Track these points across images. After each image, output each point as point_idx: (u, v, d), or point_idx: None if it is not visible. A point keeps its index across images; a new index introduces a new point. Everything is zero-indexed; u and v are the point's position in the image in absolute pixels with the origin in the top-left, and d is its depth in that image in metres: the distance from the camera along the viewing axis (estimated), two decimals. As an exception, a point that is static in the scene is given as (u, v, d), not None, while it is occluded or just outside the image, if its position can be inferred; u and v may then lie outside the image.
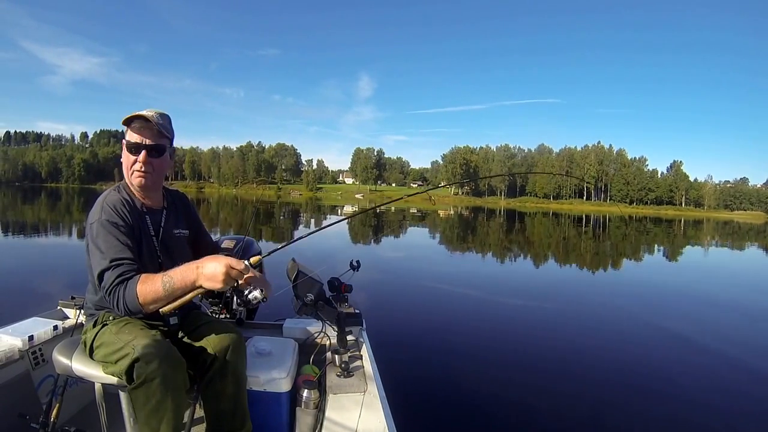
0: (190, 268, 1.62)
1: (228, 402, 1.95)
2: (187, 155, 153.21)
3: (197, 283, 1.61)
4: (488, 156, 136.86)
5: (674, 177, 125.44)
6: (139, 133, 1.87)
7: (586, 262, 14.26)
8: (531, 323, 6.32)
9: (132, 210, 1.87)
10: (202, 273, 1.60)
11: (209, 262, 1.61)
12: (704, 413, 3.91)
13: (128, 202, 1.88)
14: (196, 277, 1.60)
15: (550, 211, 80.00)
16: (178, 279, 1.62)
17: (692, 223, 56.92)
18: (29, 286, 6.85)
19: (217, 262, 1.60)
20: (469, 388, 4.18)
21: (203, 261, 1.63)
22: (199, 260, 1.64)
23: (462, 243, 18.41)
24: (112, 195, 1.88)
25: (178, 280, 1.62)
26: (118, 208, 1.82)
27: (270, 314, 3.11)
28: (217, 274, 1.58)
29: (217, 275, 1.58)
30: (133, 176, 1.91)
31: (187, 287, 1.62)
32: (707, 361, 5.25)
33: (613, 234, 29.55)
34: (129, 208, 1.86)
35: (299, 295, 2.27)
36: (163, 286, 1.62)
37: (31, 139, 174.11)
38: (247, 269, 1.63)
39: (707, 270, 14.32)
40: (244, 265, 1.63)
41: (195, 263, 1.64)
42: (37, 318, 2.61)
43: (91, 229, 1.77)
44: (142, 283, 1.63)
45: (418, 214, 42.50)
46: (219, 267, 1.58)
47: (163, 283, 1.62)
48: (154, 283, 1.63)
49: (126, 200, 1.89)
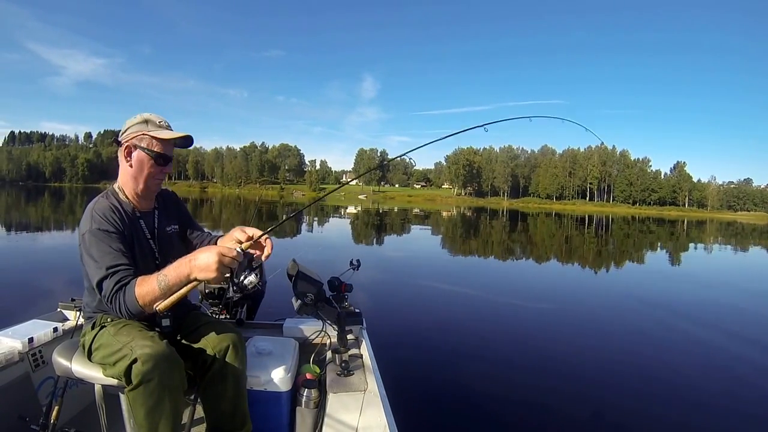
0: (183, 263, 1.64)
1: (228, 402, 1.95)
2: (190, 155, 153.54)
3: (191, 276, 1.62)
4: (491, 157, 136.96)
5: (677, 178, 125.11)
6: (167, 148, 1.94)
7: (587, 261, 14.24)
8: (531, 322, 6.31)
9: (123, 215, 1.88)
10: (195, 265, 1.61)
11: (201, 254, 1.63)
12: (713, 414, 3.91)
13: (118, 209, 1.88)
14: (190, 270, 1.61)
15: (552, 211, 79.87)
16: (172, 276, 1.63)
17: (695, 223, 56.74)
18: (29, 287, 6.85)
19: (209, 252, 1.61)
20: (470, 387, 4.18)
21: (195, 253, 1.65)
22: (191, 254, 1.66)
23: (463, 243, 18.39)
24: (101, 202, 1.88)
25: (172, 277, 1.63)
26: (108, 216, 1.81)
27: (270, 314, 3.12)
28: (210, 264, 1.59)
29: (210, 265, 1.59)
30: (152, 183, 1.96)
31: (182, 281, 1.63)
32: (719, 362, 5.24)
33: (617, 234, 29.49)
34: (119, 214, 1.86)
35: (299, 294, 2.26)
36: (159, 285, 1.63)
37: (36, 139, 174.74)
38: (239, 255, 1.65)
39: (712, 269, 14.28)
40: (236, 252, 1.64)
41: (188, 257, 1.65)
42: (37, 320, 2.61)
43: (83, 240, 1.77)
44: (140, 286, 1.65)
45: (421, 214, 42.51)
46: (211, 257, 1.59)
47: (159, 282, 1.63)
48: (150, 284, 1.64)
49: (115, 207, 1.88)
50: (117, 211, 1.86)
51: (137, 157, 1.90)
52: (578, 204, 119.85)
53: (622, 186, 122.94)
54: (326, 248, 13.03)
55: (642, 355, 5.26)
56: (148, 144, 1.89)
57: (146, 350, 1.63)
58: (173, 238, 2.12)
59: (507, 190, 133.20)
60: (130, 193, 1.96)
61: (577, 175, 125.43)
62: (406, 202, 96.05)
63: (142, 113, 1.96)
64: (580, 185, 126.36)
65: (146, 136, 1.89)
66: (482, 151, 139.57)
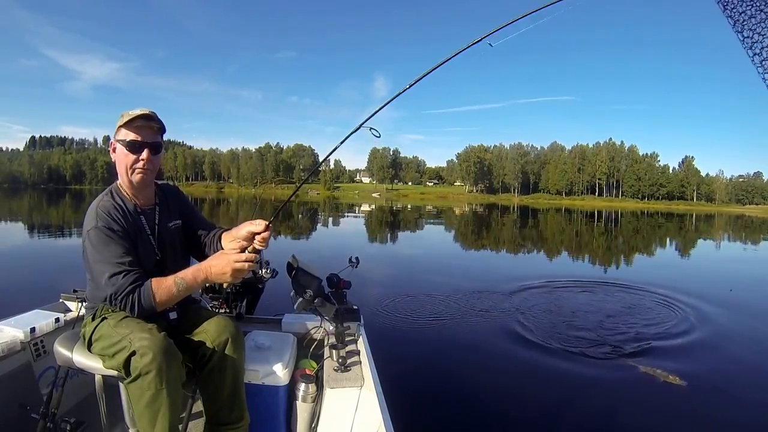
0: (202, 269, 1.80)
1: (226, 395, 1.98)
2: (207, 156, 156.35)
3: (210, 280, 1.82)
4: (502, 154, 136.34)
5: (686, 172, 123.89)
6: (138, 132, 1.88)
7: (596, 257, 14.12)
8: (532, 320, 6.20)
9: (126, 213, 1.90)
10: (213, 272, 1.80)
11: (216, 261, 1.80)
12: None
13: (121, 207, 1.90)
14: (206, 276, 1.80)
15: (562, 207, 79.43)
16: (190, 279, 1.78)
17: (704, 217, 56.21)
18: (32, 278, 6.93)
19: (223, 262, 1.78)
20: (466, 383, 4.19)
21: (210, 261, 1.81)
22: (207, 261, 1.82)
23: (473, 239, 18.34)
24: (105, 200, 1.89)
25: (190, 280, 1.79)
26: (112, 214, 1.84)
27: (269, 309, 3.14)
28: (226, 273, 1.78)
29: (226, 274, 1.78)
30: (134, 174, 1.91)
31: (200, 285, 1.84)
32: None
33: (625, 229, 29.27)
34: (122, 212, 1.88)
35: (298, 290, 2.28)
36: (177, 287, 1.77)
37: (55, 143, 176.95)
38: (255, 258, 1.82)
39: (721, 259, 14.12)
40: (253, 257, 1.81)
41: (205, 265, 1.81)
42: (39, 310, 2.64)
43: (88, 236, 1.79)
44: (157, 288, 1.75)
45: (433, 211, 42.49)
46: (226, 267, 1.78)
47: (177, 285, 1.77)
48: (167, 286, 1.76)
49: (119, 205, 1.90)
50: (120, 208, 1.88)
51: (117, 151, 1.92)
52: (587, 199, 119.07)
53: (631, 181, 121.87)
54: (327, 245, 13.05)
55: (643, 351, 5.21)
56: (124, 135, 1.89)
57: (144, 342, 1.66)
58: (175, 234, 2.12)
59: (517, 187, 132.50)
60: (127, 189, 1.97)
61: (586, 171, 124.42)
62: (419, 200, 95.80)
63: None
64: (589, 181, 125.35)
65: (121, 129, 1.90)
66: (492, 148, 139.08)
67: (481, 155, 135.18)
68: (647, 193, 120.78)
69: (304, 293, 2.28)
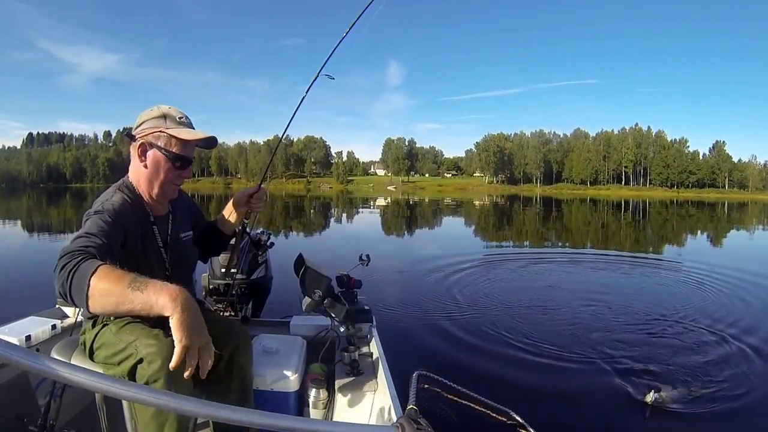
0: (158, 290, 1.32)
1: (234, 402, 1.87)
2: (213, 151, 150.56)
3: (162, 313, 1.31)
4: (523, 142, 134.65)
5: (716, 158, 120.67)
6: (187, 148, 1.79)
7: (623, 249, 13.81)
8: (555, 323, 5.83)
9: (138, 216, 1.77)
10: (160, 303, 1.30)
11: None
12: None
13: (133, 208, 1.76)
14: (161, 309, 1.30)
15: (587, 197, 77.94)
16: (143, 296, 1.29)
17: (736, 206, 54.49)
18: (27, 283, 6.80)
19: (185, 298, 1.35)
20: (484, 388, 4.01)
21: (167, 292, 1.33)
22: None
23: (494, 233, 18.16)
24: (117, 196, 1.75)
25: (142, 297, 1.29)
26: (123, 211, 1.70)
27: (276, 311, 3.08)
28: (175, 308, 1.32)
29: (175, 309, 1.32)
30: (167, 187, 1.81)
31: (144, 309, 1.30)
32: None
33: (654, 220, 28.68)
34: (133, 212, 1.75)
35: (307, 291, 2.22)
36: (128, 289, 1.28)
37: (54, 140, 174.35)
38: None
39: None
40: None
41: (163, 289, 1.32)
42: (35, 317, 2.58)
43: (83, 223, 1.61)
44: (106, 272, 1.31)
45: (452, 204, 42.32)
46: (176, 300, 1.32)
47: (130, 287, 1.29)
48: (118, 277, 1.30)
49: (130, 205, 1.75)
50: (132, 209, 1.75)
51: (153, 157, 1.75)
52: (613, 189, 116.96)
53: (659, 168, 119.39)
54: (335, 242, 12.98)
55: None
56: (166, 143, 1.73)
57: (152, 349, 1.57)
58: (187, 246, 2.03)
59: (540, 177, 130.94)
60: (145, 193, 1.83)
61: (611, 159, 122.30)
62: (437, 192, 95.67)
63: (159, 106, 1.79)
64: (615, 169, 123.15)
65: (164, 134, 1.72)
66: (513, 136, 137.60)
67: (501, 144, 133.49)
68: (676, 181, 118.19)
69: (313, 293, 2.21)
